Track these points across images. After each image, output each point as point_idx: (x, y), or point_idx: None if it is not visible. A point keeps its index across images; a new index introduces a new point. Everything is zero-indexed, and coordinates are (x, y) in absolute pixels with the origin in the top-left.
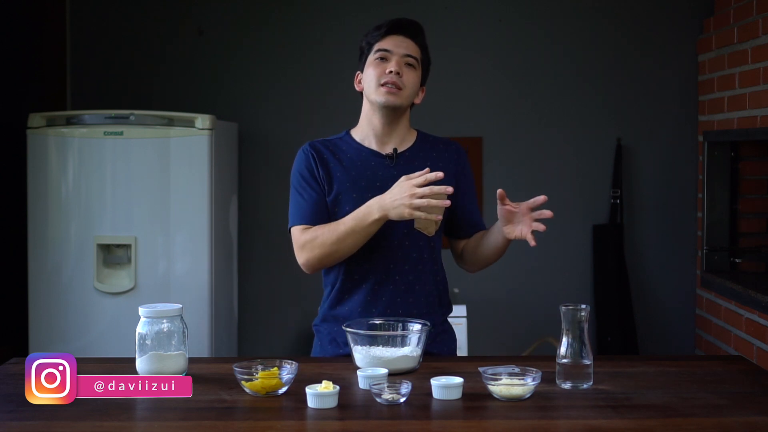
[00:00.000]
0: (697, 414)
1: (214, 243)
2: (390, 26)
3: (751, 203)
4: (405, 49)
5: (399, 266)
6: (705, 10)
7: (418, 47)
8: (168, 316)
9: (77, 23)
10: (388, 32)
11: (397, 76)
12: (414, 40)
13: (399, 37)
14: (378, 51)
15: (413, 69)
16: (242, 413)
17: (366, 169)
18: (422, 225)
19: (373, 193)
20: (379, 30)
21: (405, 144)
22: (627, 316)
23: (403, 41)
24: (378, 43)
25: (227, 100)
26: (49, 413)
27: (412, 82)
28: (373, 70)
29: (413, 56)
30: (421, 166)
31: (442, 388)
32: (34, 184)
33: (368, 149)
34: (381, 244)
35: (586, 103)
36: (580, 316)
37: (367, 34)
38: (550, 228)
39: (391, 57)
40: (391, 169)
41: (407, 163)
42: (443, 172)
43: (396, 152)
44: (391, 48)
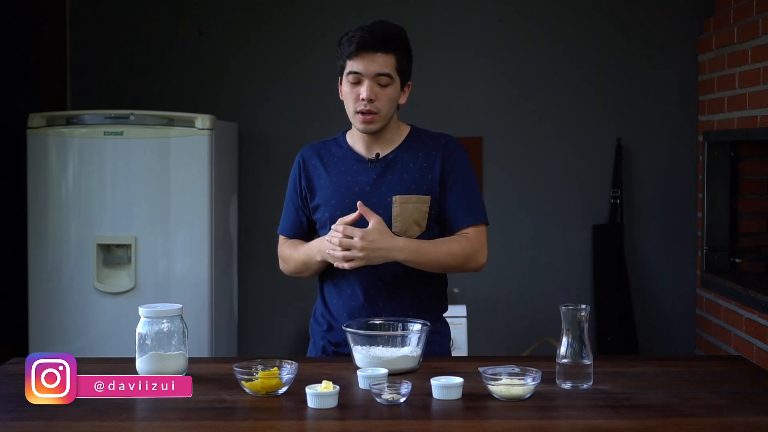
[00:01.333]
0: (697, 414)
1: (214, 243)
2: (358, 44)
3: (751, 203)
4: (377, 67)
5: (378, 269)
6: (705, 10)
7: (392, 56)
8: (168, 316)
9: (77, 23)
10: (357, 50)
11: (370, 103)
12: (385, 51)
13: (368, 54)
14: (349, 73)
15: (388, 86)
16: (242, 413)
17: (348, 174)
18: (399, 229)
19: (351, 198)
20: (349, 46)
21: (392, 145)
22: (627, 316)
23: (373, 59)
24: (349, 61)
25: (227, 100)
26: (49, 413)
27: (387, 101)
28: (349, 93)
29: (385, 73)
30: (403, 169)
31: (442, 388)
32: (34, 184)
33: (354, 153)
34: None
35: (586, 103)
36: (580, 316)
37: (340, 43)
38: (550, 228)
39: (362, 79)
40: (370, 173)
41: (389, 166)
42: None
43: (377, 157)
44: (360, 70)
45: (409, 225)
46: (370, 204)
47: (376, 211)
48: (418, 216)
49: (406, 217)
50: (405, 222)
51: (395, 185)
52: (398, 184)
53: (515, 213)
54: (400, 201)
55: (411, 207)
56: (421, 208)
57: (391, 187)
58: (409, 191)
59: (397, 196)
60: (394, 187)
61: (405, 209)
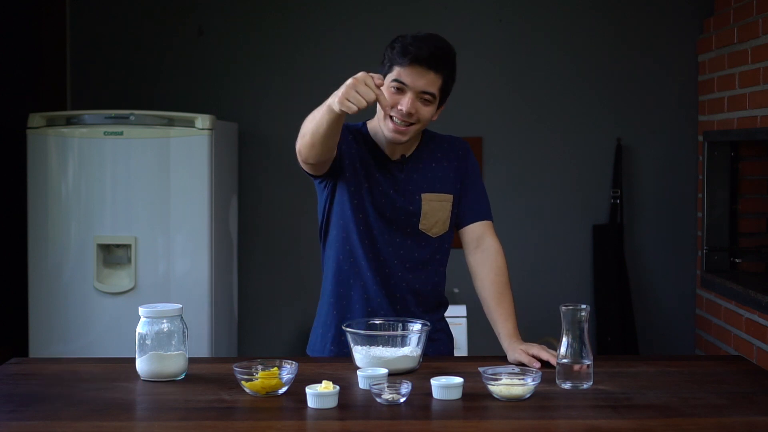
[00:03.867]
0: (697, 414)
1: (214, 243)
2: (413, 58)
3: (751, 203)
4: (423, 85)
5: (402, 266)
6: (705, 10)
7: (440, 77)
8: (168, 316)
9: (77, 23)
10: (411, 63)
11: (408, 115)
12: (437, 72)
13: (421, 69)
14: (394, 81)
15: (429, 104)
16: (242, 413)
17: (376, 170)
18: (426, 226)
19: (379, 194)
20: (403, 57)
21: (411, 146)
22: (627, 316)
23: (423, 75)
24: (398, 68)
25: (227, 100)
26: (49, 413)
27: (425, 117)
28: (390, 97)
29: (431, 92)
30: (426, 169)
31: (442, 388)
32: (34, 184)
33: (380, 152)
34: (383, 244)
35: (586, 103)
36: (580, 316)
37: (394, 47)
38: (551, 228)
39: (406, 90)
40: (397, 174)
41: (414, 166)
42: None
43: (404, 159)
44: (408, 83)
45: (435, 223)
46: (398, 203)
47: (405, 208)
48: (443, 215)
49: (434, 214)
50: (432, 219)
51: (422, 184)
52: (425, 183)
53: (515, 213)
54: (428, 199)
55: (438, 205)
56: (446, 207)
57: (419, 185)
58: (436, 189)
59: (426, 194)
60: (422, 185)
61: (433, 207)
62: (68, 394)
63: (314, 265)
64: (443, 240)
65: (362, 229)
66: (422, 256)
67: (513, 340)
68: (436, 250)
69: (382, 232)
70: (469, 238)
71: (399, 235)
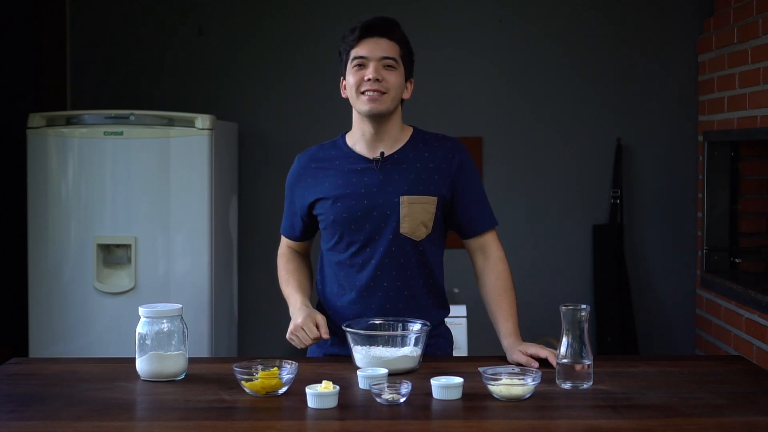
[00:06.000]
0: (697, 414)
1: (214, 243)
2: (362, 30)
3: (751, 203)
4: (381, 51)
5: (386, 272)
6: (705, 10)
7: (396, 44)
8: (168, 316)
9: (77, 23)
10: (361, 36)
11: (377, 82)
12: (390, 38)
13: (373, 39)
14: (355, 58)
15: (393, 69)
16: (242, 413)
17: (352, 175)
18: (407, 230)
19: (356, 200)
20: (353, 34)
21: (396, 145)
22: (627, 316)
23: (377, 43)
24: (354, 49)
25: (227, 100)
26: (49, 413)
27: (395, 83)
28: (353, 78)
29: (391, 57)
30: (409, 169)
31: (442, 388)
32: (34, 184)
33: (357, 155)
34: (368, 251)
35: (586, 103)
36: (580, 316)
37: (344, 38)
38: (551, 228)
39: (368, 63)
40: (376, 174)
41: (394, 166)
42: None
43: (382, 156)
44: (366, 54)
45: (417, 226)
46: (377, 204)
47: (383, 211)
48: (425, 217)
49: (414, 217)
50: (413, 222)
51: (403, 185)
52: (406, 184)
53: (515, 213)
54: (408, 201)
55: (419, 207)
56: (428, 209)
57: (399, 186)
58: (417, 191)
59: (405, 196)
60: (402, 186)
61: (413, 209)
62: (68, 394)
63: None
64: (431, 243)
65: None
66: (408, 261)
67: (512, 340)
68: (421, 253)
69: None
70: (473, 248)
71: (383, 242)
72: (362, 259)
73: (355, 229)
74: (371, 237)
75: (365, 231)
